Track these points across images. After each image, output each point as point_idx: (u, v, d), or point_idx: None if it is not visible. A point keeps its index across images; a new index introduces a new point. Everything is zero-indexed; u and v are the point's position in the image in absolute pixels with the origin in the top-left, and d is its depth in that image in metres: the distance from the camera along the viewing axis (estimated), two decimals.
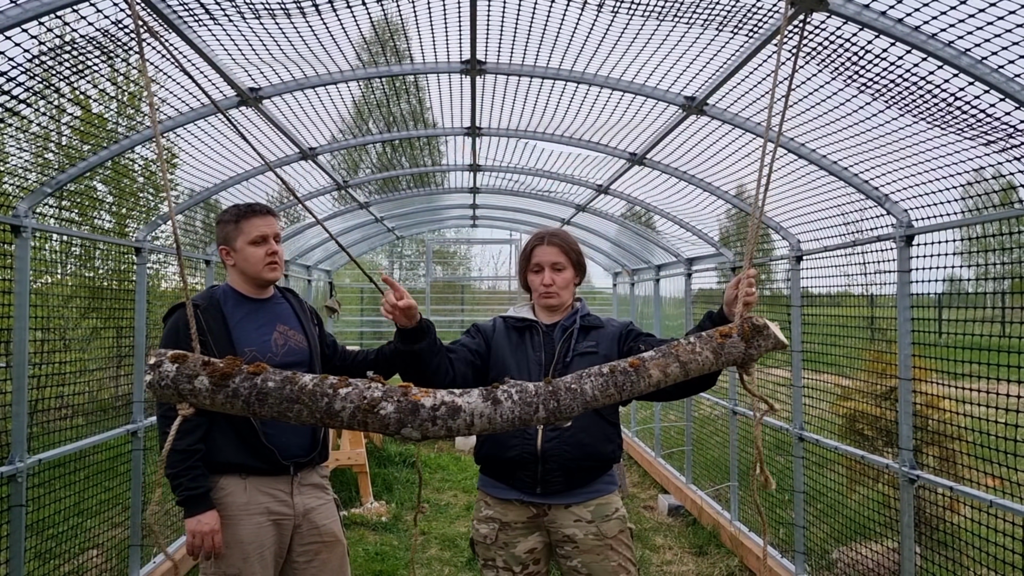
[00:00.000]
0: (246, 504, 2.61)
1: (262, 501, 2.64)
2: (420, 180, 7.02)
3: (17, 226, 3.35)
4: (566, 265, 2.73)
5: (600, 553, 2.59)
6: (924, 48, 2.48)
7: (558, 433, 2.55)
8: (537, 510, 2.63)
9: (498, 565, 2.64)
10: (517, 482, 2.61)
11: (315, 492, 2.79)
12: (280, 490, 2.68)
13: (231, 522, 2.59)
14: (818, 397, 4.52)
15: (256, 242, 2.71)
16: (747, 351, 1.96)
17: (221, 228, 2.77)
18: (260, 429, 2.61)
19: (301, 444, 2.74)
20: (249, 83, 3.68)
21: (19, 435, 3.33)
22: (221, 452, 2.62)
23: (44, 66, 2.85)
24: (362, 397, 1.77)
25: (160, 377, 1.75)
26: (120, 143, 3.65)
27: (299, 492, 2.73)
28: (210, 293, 2.75)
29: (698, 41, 3.22)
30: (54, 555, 3.76)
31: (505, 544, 2.64)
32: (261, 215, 2.74)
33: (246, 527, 2.60)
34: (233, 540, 2.58)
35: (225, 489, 2.62)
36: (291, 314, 2.86)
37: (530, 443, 2.56)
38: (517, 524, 2.63)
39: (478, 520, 2.72)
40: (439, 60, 3.80)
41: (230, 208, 2.77)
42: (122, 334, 4.51)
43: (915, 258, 3.49)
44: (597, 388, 1.85)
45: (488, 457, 2.69)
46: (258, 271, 2.73)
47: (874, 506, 4.07)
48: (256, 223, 2.72)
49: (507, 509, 2.65)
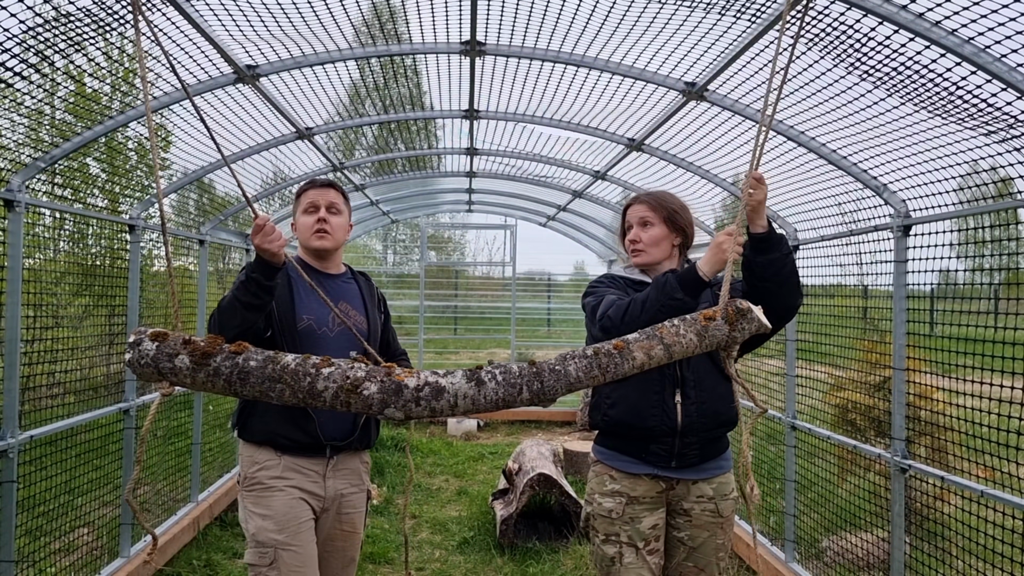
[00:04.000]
0: (279, 478, 2.60)
1: (295, 477, 2.61)
2: (416, 163, 6.98)
3: (10, 200, 3.31)
4: (655, 221, 2.61)
5: (710, 530, 2.58)
6: (928, 36, 2.47)
7: (696, 406, 2.51)
8: (666, 484, 2.58)
9: (622, 540, 2.56)
10: (651, 456, 2.55)
11: (350, 478, 2.76)
12: (314, 471, 2.65)
13: (266, 494, 2.59)
14: (811, 387, 4.53)
15: (308, 211, 2.76)
16: (731, 334, 1.96)
17: (293, 206, 2.88)
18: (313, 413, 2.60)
19: (341, 427, 2.69)
20: (246, 60, 3.64)
21: (10, 411, 3.31)
22: (264, 420, 2.61)
23: (39, 38, 2.81)
24: (345, 377, 1.75)
25: (140, 355, 1.72)
26: (115, 118, 3.61)
27: (332, 476, 2.70)
28: None
29: (700, 26, 3.20)
30: (44, 532, 3.75)
31: (631, 519, 2.56)
32: (316, 187, 2.78)
33: (280, 499, 2.58)
34: (268, 512, 2.57)
35: (259, 463, 2.62)
36: (356, 295, 2.85)
37: (670, 416, 2.50)
38: (645, 499, 2.57)
39: (600, 494, 2.62)
40: (438, 41, 3.77)
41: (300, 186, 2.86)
42: (115, 312, 4.49)
43: (912, 248, 3.49)
44: (581, 370, 1.84)
45: (619, 424, 2.58)
46: (307, 238, 2.76)
47: (864, 495, 4.09)
48: (310, 194, 2.77)
49: (636, 484, 2.58)
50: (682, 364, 2.51)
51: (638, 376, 2.16)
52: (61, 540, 3.88)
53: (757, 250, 2.31)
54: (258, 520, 2.56)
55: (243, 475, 2.66)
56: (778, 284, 2.33)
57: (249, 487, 2.63)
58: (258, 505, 2.58)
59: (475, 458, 8.08)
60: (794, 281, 2.37)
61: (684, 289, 2.29)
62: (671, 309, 2.26)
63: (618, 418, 2.57)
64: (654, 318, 2.32)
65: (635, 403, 2.54)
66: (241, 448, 2.71)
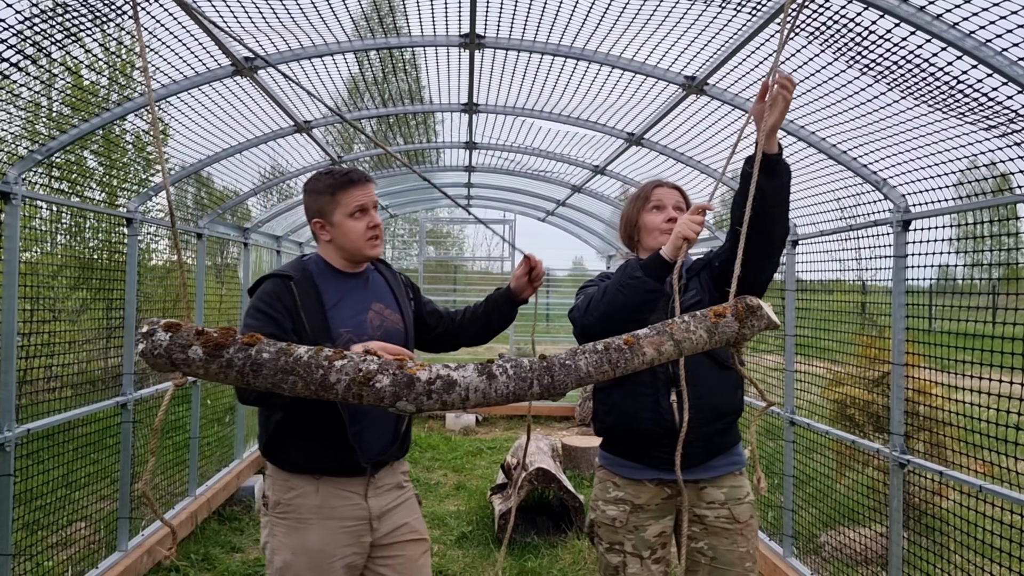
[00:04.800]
0: (318, 508, 2.35)
1: (335, 505, 2.37)
2: (415, 157, 6.97)
3: (7, 193, 3.30)
4: (686, 211, 2.54)
5: (729, 538, 2.47)
6: (929, 29, 2.46)
7: (692, 403, 2.35)
8: (672, 490, 2.50)
9: (626, 550, 2.48)
10: (653, 459, 2.46)
11: (392, 491, 2.52)
12: (355, 492, 2.41)
13: (300, 526, 2.34)
14: (809, 382, 4.53)
15: (356, 215, 2.39)
16: (740, 330, 1.96)
17: (314, 199, 2.43)
18: (349, 427, 2.33)
19: (382, 440, 2.45)
20: (245, 52, 3.62)
21: (7, 404, 3.30)
22: (297, 450, 2.36)
23: (36, 29, 2.79)
24: (357, 370, 1.75)
25: (153, 346, 1.72)
26: (112, 111, 3.59)
27: (374, 494, 2.45)
28: (301, 265, 2.44)
29: (700, 19, 3.19)
30: (41, 526, 3.75)
31: (635, 528, 2.49)
32: (359, 184, 2.40)
33: (316, 533, 2.34)
34: (300, 547, 2.33)
35: (296, 490, 2.37)
36: (386, 290, 2.57)
37: (666, 417, 2.42)
38: (649, 506, 2.49)
39: (604, 501, 2.55)
40: (437, 33, 3.76)
41: (321, 176, 2.43)
42: (113, 306, 4.48)
43: (911, 243, 3.49)
44: (591, 364, 1.84)
45: (615, 430, 2.53)
46: (359, 247, 2.42)
47: (862, 490, 4.09)
48: (355, 193, 2.39)
49: (640, 490, 2.50)
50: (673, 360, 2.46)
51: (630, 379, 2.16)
52: (58, 534, 3.88)
53: (770, 173, 2.15)
54: (287, 555, 2.33)
55: (274, 499, 2.39)
56: (784, 209, 2.24)
57: (282, 514, 2.38)
58: (290, 537, 2.35)
59: (473, 453, 8.09)
60: (788, 205, 2.29)
61: (645, 269, 2.28)
62: (630, 288, 2.28)
63: (614, 425, 2.52)
64: (613, 298, 2.35)
65: (628, 408, 2.48)
66: (271, 470, 2.45)
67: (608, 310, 2.38)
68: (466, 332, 2.75)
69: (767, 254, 2.33)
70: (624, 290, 2.31)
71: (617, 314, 2.36)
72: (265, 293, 2.33)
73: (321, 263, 2.47)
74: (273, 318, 2.26)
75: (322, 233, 2.45)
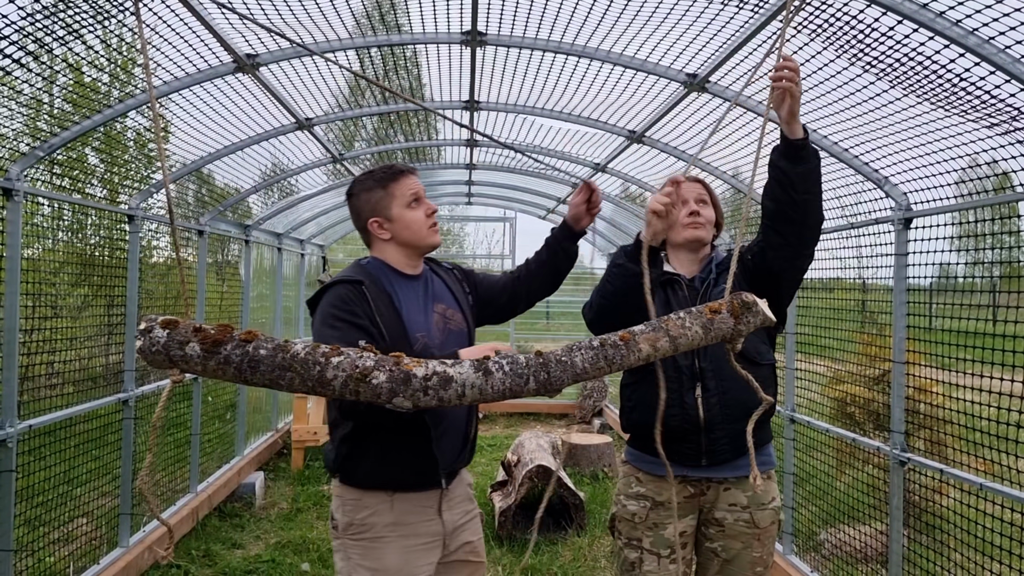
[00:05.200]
0: (394, 525, 2.26)
1: (410, 521, 2.28)
2: (416, 155, 6.97)
3: (9, 190, 3.30)
4: (709, 203, 2.54)
5: (745, 542, 2.42)
6: (932, 27, 2.46)
7: (719, 397, 2.37)
8: (695, 489, 2.44)
9: (643, 546, 2.44)
10: (678, 456, 2.37)
11: (464, 506, 2.44)
12: (429, 506, 2.32)
13: (376, 545, 2.25)
14: (810, 380, 4.53)
15: (412, 204, 2.33)
16: (736, 327, 1.97)
17: (365, 198, 2.35)
18: (434, 436, 2.24)
19: (455, 446, 2.36)
20: (246, 49, 3.62)
21: (9, 400, 3.30)
22: (380, 466, 2.25)
23: (37, 25, 2.80)
24: (354, 366, 1.75)
25: (151, 343, 1.72)
26: (114, 108, 3.59)
27: (447, 508, 2.37)
28: (365, 270, 2.33)
29: (702, 16, 3.19)
30: (43, 522, 3.75)
31: (655, 525, 2.44)
32: (407, 174, 2.35)
33: (392, 552, 2.24)
34: (379, 566, 2.24)
35: (369, 508, 2.26)
36: (445, 290, 2.48)
37: (691, 413, 2.37)
38: (671, 504, 2.41)
39: (626, 496, 2.51)
40: (439, 31, 3.76)
41: (364, 178, 2.37)
42: (114, 303, 4.48)
43: (912, 241, 3.49)
44: (587, 361, 1.85)
45: (640, 426, 2.46)
46: (422, 236, 2.34)
47: (862, 488, 4.10)
48: (407, 183, 2.33)
49: (662, 487, 2.44)
50: (699, 356, 2.39)
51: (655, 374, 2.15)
52: (60, 530, 3.88)
53: (795, 159, 2.13)
54: (365, 575, 2.26)
55: (346, 520, 2.29)
56: (816, 194, 2.20)
57: (356, 536, 2.27)
58: (367, 558, 2.25)
59: None
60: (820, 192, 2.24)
61: (628, 256, 2.29)
62: (615, 276, 2.32)
63: (639, 421, 2.47)
64: (603, 288, 2.39)
65: (652, 403, 2.38)
66: (339, 490, 2.33)
67: (601, 301, 2.40)
68: (535, 286, 2.62)
69: (801, 243, 2.29)
70: (612, 279, 2.32)
71: (608, 302, 2.37)
72: (340, 299, 2.21)
73: (383, 266, 2.36)
74: (358, 325, 2.17)
75: (381, 232, 2.35)
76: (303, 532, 5.31)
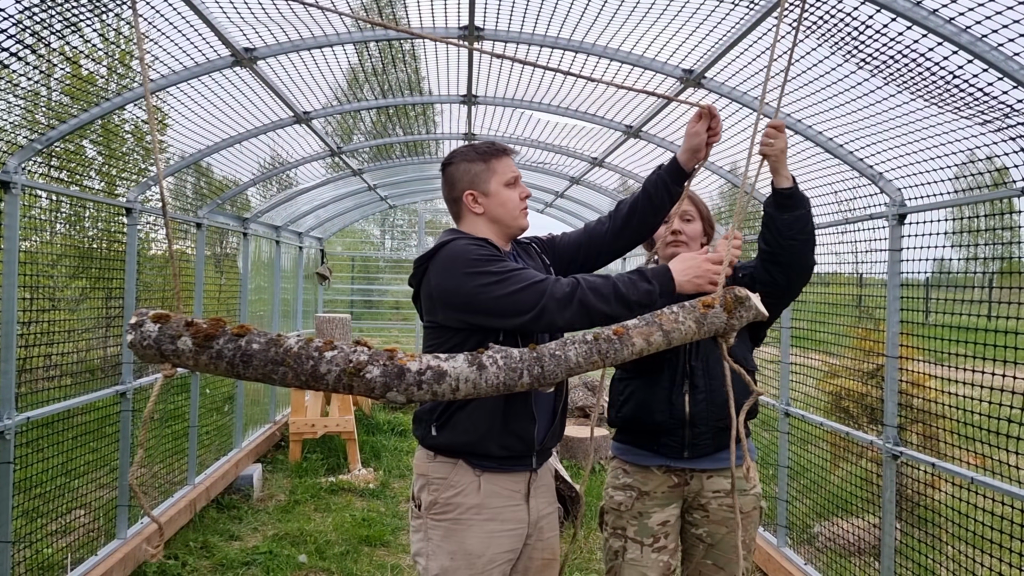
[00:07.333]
0: (478, 507, 2.18)
1: (496, 505, 2.20)
2: (414, 149, 6.97)
3: (7, 182, 3.31)
4: (695, 216, 2.57)
5: (728, 526, 2.49)
6: (925, 24, 2.47)
7: (705, 395, 2.45)
8: (679, 479, 2.52)
9: (628, 535, 2.51)
10: (662, 448, 2.49)
11: (548, 495, 2.39)
12: (516, 491, 2.24)
13: (458, 527, 2.17)
14: (805, 374, 4.56)
15: (510, 184, 2.28)
16: (729, 321, 1.99)
17: (465, 170, 2.27)
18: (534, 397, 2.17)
19: (545, 420, 2.27)
20: (244, 43, 3.63)
21: (7, 392, 3.32)
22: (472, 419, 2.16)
23: (35, 18, 2.80)
24: (348, 360, 1.77)
25: (142, 337, 1.72)
26: (111, 100, 3.60)
27: (534, 493, 2.29)
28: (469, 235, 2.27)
29: (698, 12, 3.20)
30: (41, 513, 3.77)
31: (639, 514, 2.51)
32: (508, 154, 2.31)
33: (475, 536, 2.17)
34: (460, 549, 2.16)
35: (456, 488, 2.18)
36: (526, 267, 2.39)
37: (677, 409, 2.45)
38: (656, 494, 2.51)
39: (613, 487, 2.60)
40: (437, 26, 3.76)
41: (465, 150, 2.30)
42: (112, 295, 4.49)
43: (906, 237, 3.51)
44: (581, 355, 1.87)
45: (629, 420, 2.56)
46: (514, 216, 2.28)
47: (856, 482, 4.13)
48: (507, 163, 2.29)
49: (648, 477, 2.53)
50: (689, 354, 2.47)
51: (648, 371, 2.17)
52: (58, 521, 3.90)
53: (783, 207, 2.23)
54: (444, 560, 2.16)
55: (430, 499, 2.21)
56: (803, 241, 2.28)
57: (439, 515, 2.19)
58: (448, 540, 2.17)
59: None
60: (813, 237, 2.31)
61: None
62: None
63: (628, 415, 2.55)
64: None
65: (644, 399, 2.51)
66: (424, 462, 2.25)
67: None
68: (627, 231, 2.42)
69: (788, 288, 2.40)
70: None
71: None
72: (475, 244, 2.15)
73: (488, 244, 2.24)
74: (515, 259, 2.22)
75: (474, 206, 2.27)
76: (300, 524, 5.33)
